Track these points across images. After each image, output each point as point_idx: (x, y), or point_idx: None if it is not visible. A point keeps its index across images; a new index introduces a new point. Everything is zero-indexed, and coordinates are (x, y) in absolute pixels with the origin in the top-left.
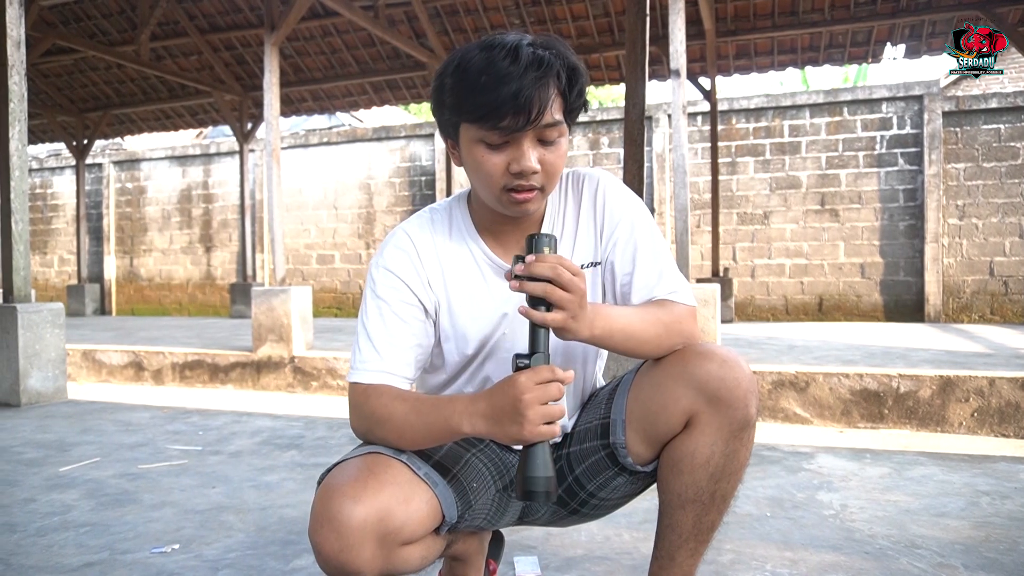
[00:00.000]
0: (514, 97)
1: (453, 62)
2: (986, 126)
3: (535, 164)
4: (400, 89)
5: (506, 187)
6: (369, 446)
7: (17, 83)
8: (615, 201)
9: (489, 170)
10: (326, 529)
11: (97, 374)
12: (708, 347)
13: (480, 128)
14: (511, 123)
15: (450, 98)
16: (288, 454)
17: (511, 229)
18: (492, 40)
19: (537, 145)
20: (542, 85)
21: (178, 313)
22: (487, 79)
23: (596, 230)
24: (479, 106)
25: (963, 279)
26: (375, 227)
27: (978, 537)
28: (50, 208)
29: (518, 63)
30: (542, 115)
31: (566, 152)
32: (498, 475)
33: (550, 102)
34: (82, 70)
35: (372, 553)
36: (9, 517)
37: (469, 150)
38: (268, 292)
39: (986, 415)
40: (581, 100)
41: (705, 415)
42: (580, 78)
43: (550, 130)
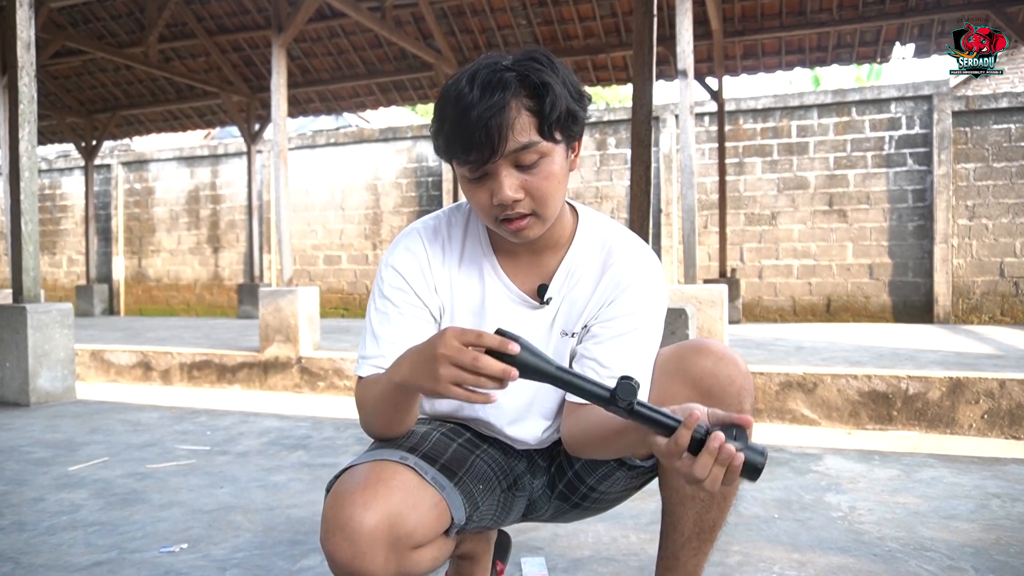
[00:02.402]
0: (472, 131)
1: (441, 94)
2: (996, 126)
3: (513, 194)
4: (407, 90)
5: (497, 217)
6: (376, 451)
7: (27, 85)
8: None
9: (478, 204)
10: (339, 537)
11: (105, 374)
12: (705, 344)
13: (458, 164)
14: (477, 157)
15: (434, 137)
16: (295, 454)
17: (527, 258)
18: (468, 67)
19: (514, 172)
20: (499, 109)
21: (186, 314)
22: (453, 113)
23: (597, 306)
24: (450, 143)
25: (973, 280)
26: (382, 228)
27: (988, 540)
28: (59, 209)
29: (472, 92)
30: (505, 141)
31: (559, 172)
32: (502, 475)
33: (510, 125)
34: (91, 71)
35: (385, 558)
36: (19, 516)
37: (461, 184)
38: (275, 293)
39: (996, 417)
40: (559, 110)
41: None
42: (548, 90)
43: (524, 154)
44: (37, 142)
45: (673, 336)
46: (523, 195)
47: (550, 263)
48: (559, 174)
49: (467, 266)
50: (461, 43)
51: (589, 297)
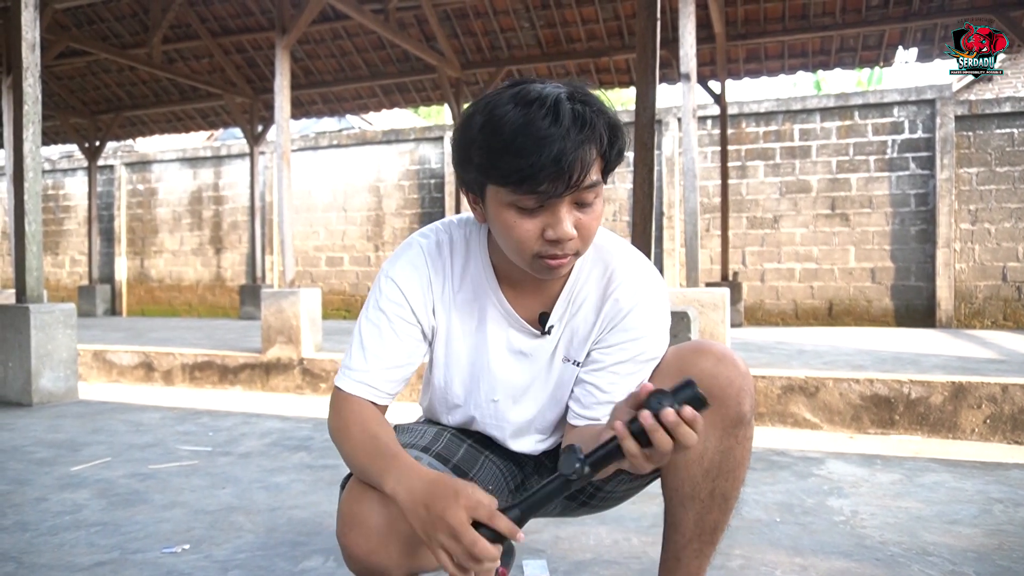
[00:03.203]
0: (555, 162)
1: (482, 117)
2: (999, 130)
3: (572, 231)
4: (410, 92)
5: (539, 254)
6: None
7: (32, 85)
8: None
9: (521, 236)
10: (355, 533)
11: (108, 374)
12: (704, 345)
13: (513, 192)
14: (549, 188)
15: (479, 158)
16: (297, 455)
17: (530, 287)
18: (527, 93)
19: (573, 209)
20: (584, 147)
21: (188, 314)
22: (524, 140)
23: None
24: (515, 171)
25: (975, 284)
26: (384, 229)
27: (991, 545)
28: (62, 209)
29: (559, 124)
30: (583, 179)
31: (601, 212)
32: (510, 476)
33: (591, 165)
34: (95, 72)
35: (399, 553)
36: (21, 516)
37: (498, 213)
38: (277, 294)
39: (999, 422)
40: (620, 157)
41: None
42: (620, 135)
43: (588, 192)
44: (41, 143)
45: (675, 339)
46: (576, 235)
47: (552, 289)
48: (601, 216)
49: (468, 290)
50: (464, 45)
51: (592, 325)
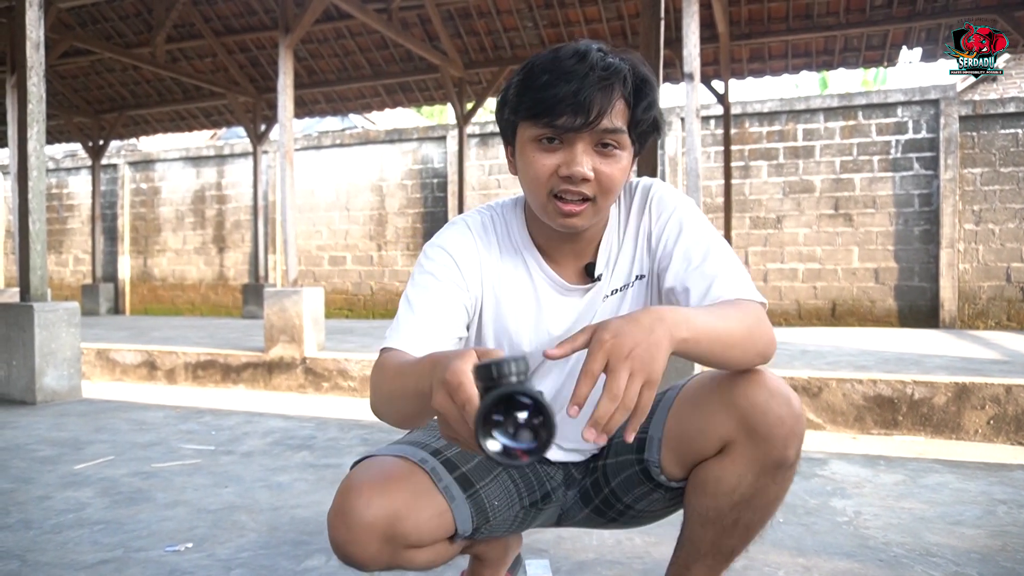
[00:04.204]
0: (574, 95)
1: (524, 64)
2: (1004, 131)
3: (587, 170)
4: (413, 92)
5: (552, 191)
6: (401, 446)
7: (36, 84)
8: (662, 205)
9: (537, 171)
10: (339, 520)
11: (111, 373)
12: (760, 374)
13: (535, 125)
14: (567, 121)
15: (512, 96)
16: (300, 455)
17: (567, 248)
18: (565, 44)
19: (593, 153)
20: (605, 87)
21: (191, 313)
22: (549, 77)
23: (645, 240)
24: (537, 102)
25: (979, 285)
26: (387, 229)
27: (995, 546)
28: (66, 208)
29: (584, 63)
30: (601, 118)
31: (627, 168)
32: (528, 491)
33: (611, 106)
34: (98, 71)
35: (377, 549)
36: (25, 514)
37: (522, 151)
38: (280, 293)
39: (1002, 423)
40: (649, 115)
41: (740, 445)
42: (650, 90)
43: (609, 137)
44: (45, 141)
45: None
46: (593, 177)
47: (590, 246)
48: (626, 172)
49: (511, 264)
50: (467, 45)
51: (624, 239)
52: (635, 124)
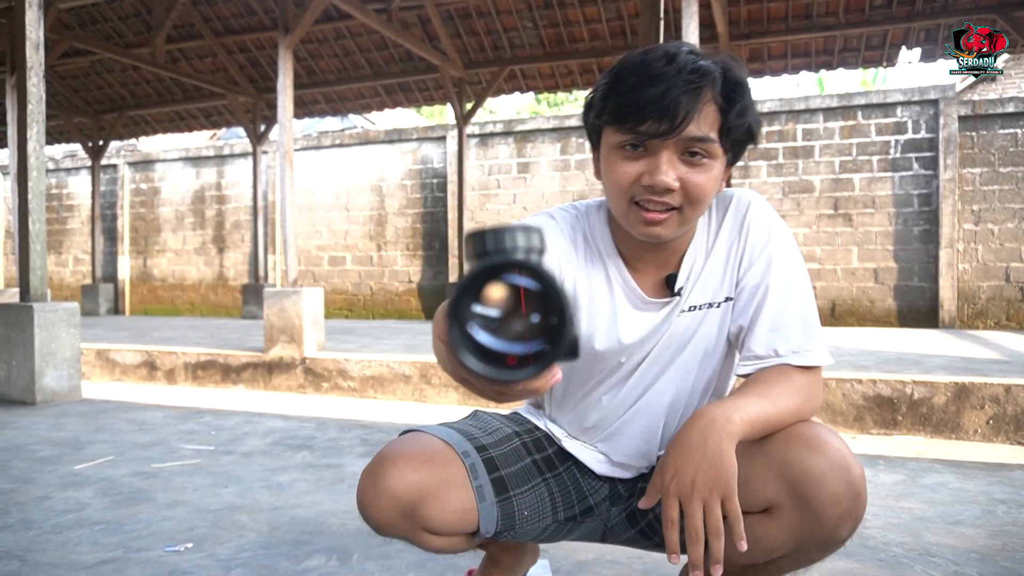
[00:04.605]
0: (659, 99)
1: (613, 65)
2: (1003, 131)
3: (671, 180)
4: (412, 92)
5: (633, 199)
6: (449, 430)
7: (36, 85)
8: (759, 231)
9: (619, 178)
10: (369, 481)
11: (111, 373)
12: (819, 437)
13: (619, 131)
14: (651, 127)
15: (598, 99)
16: (299, 455)
17: (649, 258)
18: (657, 45)
19: (679, 162)
20: (692, 91)
21: (190, 313)
22: (635, 80)
23: (737, 261)
24: (621, 106)
25: (978, 285)
26: (386, 229)
27: (994, 546)
28: (65, 208)
29: (672, 65)
30: (687, 124)
31: (718, 178)
32: (564, 505)
33: (699, 112)
34: (98, 72)
35: (396, 521)
36: (25, 514)
37: (607, 157)
38: (280, 293)
39: (1002, 423)
40: (743, 121)
41: (787, 512)
42: (743, 94)
43: (697, 145)
44: (45, 142)
45: None
46: (678, 187)
47: (674, 257)
48: (717, 182)
49: (594, 262)
50: (467, 45)
51: (713, 255)
52: (727, 131)
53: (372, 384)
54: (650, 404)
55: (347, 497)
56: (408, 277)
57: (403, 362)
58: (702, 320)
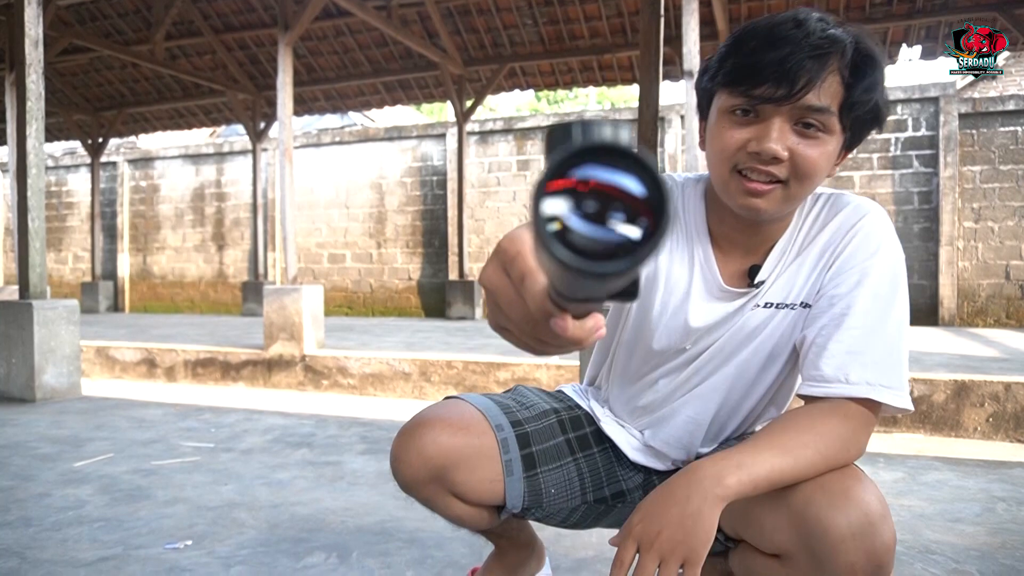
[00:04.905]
0: (780, 62)
1: (737, 29)
2: (1003, 128)
3: (779, 149)
4: (412, 89)
5: (737, 166)
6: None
7: (35, 82)
8: (866, 242)
9: (725, 143)
10: (404, 439)
11: (110, 371)
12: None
13: (731, 94)
14: (767, 91)
15: (715, 62)
16: (299, 452)
17: (740, 241)
18: (787, 11)
19: (791, 132)
20: (818, 57)
21: (190, 311)
22: (758, 42)
23: (826, 263)
24: (738, 67)
25: (978, 283)
26: (386, 227)
27: (994, 544)
28: (65, 206)
29: (800, 29)
30: (807, 90)
31: (831, 156)
32: (594, 485)
33: (821, 80)
34: (97, 69)
35: (423, 480)
36: (24, 511)
37: (715, 122)
38: (280, 291)
39: (1001, 420)
40: (869, 98)
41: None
42: (873, 69)
43: (813, 116)
44: (44, 139)
45: None
46: (786, 158)
47: (761, 248)
48: (829, 160)
49: (679, 242)
50: (467, 42)
51: (807, 253)
52: (850, 107)
53: (372, 381)
54: (703, 396)
55: (347, 494)
56: (408, 274)
57: (403, 359)
58: (776, 320)
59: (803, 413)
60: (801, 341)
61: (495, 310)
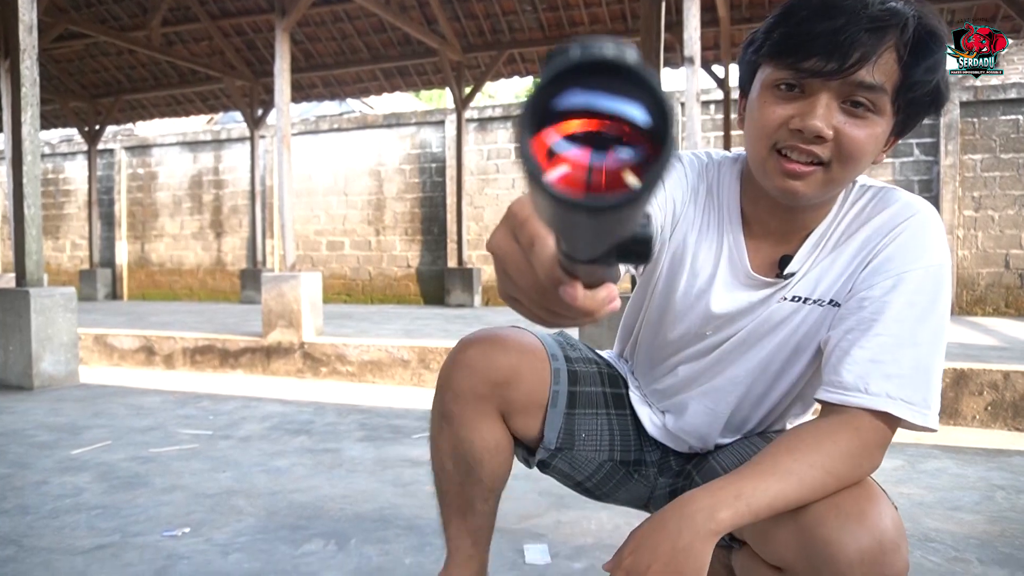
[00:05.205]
0: (833, 33)
1: None
2: (1004, 116)
3: (824, 127)
4: (411, 75)
5: (776, 145)
6: (549, 337)
7: (29, 68)
8: (908, 245)
9: (766, 120)
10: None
11: (109, 358)
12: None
13: (777, 67)
14: (816, 64)
15: (761, 33)
16: (298, 439)
17: (773, 226)
18: None
19: (838, 110)
20: (875, 30)
21: (189, 298)
22: (809, 12)
23: (862, 261)
24: (787, 36)
25: (977, 271)
26: (385, 214)
27: (993, 532)
28: (62, 193)
29: (859, 0)
30: (860, 66)
31: (879, 139)
32: (623, 444)
33: (877, 55)
34: (93, 55)
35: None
36: (22, 499)
37: (755, 99)
38: (278, 278)
39: (1000, 409)
40: (930, 79)
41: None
42: (936, 48)
43: (864, 94)
44: (40, 126)
45: None
46: (831, 138)
47: (796, 237)
48: (877, 144)
49: (709, 223)
50: (465, 28)
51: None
52: (906, 87)
53: (370, 369)
54: (722, 389)
55: (345, 481)
56: (407, 262)
57: (401, 347)
58: (802, 315)
59: (811, 429)
60: (826, 342)
61: (504, 278)
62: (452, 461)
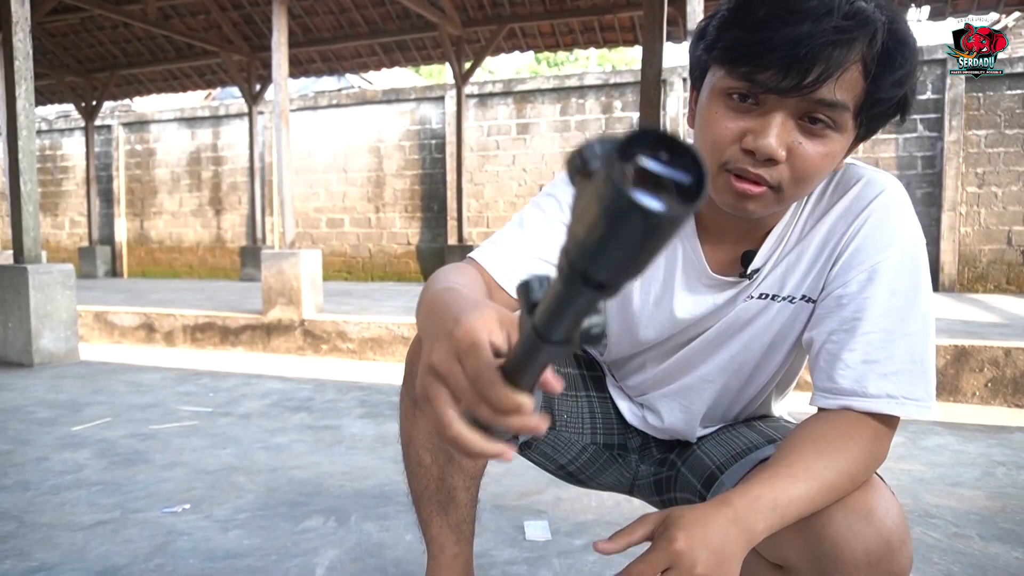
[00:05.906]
0: (793, 44)
1: None
2: (1010, 92)
3: (778, 150)
4: (410, 50)
5: (726, 164)
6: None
7: (22, 40)
8: (875, 233)
9: (717, 134)
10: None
11: (109, 336)
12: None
13: (729, 75)
14: (771, 79)
15: (713, 28)
16: (298, 416)
17: (731, 227)
18: None
19: (794, 127)
20: (842, 43)
21: (188, 276)
22: (768, 11)
23: (830, 256)
24: (739, 43)
25: (980, 248)
26: (384, 190)
27: (994, 508)
28: (60, 170)
29: (824, 4)
30: (820, 83)
31: (835, 156)
32: (604, 428)
33: (841, 70)
34: (89, 29)
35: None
36: (23, 475)
37: (706, 103)
38: (278, 255)
39: (1000, 385)
40: (895, 94)
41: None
42: (905, 59)
43: (823, 111)
44: (37, 102)
45: None
46: (784, 159)
47: (755, 235)
48: (834, 161)
49: None
50: (465, 2)
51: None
52: (871, 103)
53: (371, 346)
54: (695, 388)
55: (345, 458)
56: (407, 239)
57: (402, 324)
58: (773, 312)
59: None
60: (809, 344)
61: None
62: (429, 451)
